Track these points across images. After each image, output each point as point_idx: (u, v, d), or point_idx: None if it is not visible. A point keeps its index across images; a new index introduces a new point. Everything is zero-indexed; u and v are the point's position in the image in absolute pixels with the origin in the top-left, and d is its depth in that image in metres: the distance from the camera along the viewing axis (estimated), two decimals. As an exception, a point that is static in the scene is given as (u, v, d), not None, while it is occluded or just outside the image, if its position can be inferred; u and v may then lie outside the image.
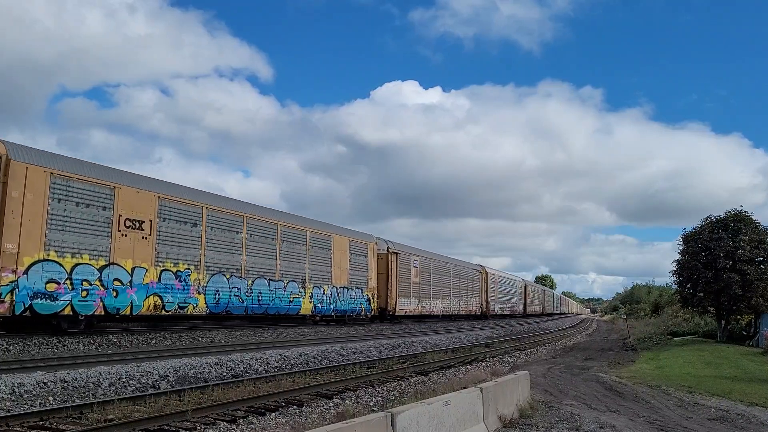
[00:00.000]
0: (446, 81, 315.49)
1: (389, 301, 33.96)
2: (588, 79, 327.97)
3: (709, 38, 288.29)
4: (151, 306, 18.38)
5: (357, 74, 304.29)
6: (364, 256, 31.71)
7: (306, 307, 26.24)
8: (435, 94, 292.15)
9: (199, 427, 8.26)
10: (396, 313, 34.73)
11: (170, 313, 19.32)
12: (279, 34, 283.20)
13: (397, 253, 35.15)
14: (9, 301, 14.55)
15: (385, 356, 17.45)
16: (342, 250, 29.51)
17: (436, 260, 43.00)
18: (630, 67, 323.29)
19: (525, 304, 71.71)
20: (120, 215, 17.55)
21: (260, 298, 23.21)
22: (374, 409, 10.19)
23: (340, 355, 16.76)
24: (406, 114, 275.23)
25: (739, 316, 31.79)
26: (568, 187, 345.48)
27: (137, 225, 18.08)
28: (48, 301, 15.40)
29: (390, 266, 34.35)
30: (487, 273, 54.38)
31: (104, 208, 17.13)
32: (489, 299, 54.40)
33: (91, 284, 16.50)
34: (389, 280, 34.11)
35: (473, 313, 50.46)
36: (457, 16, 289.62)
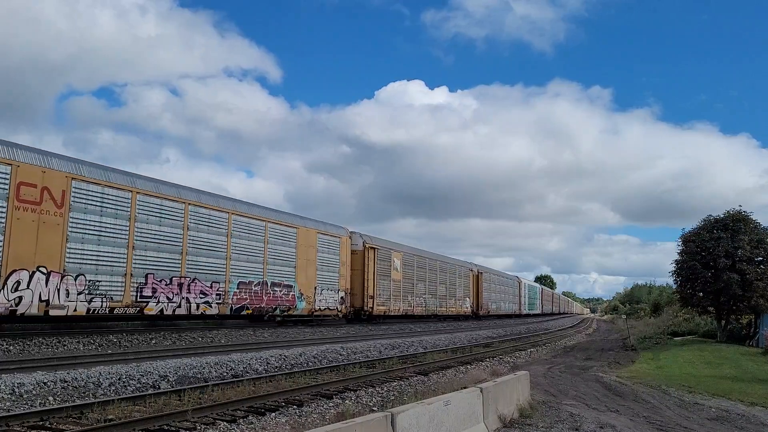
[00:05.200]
0: (453, 81, 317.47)
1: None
2: (597, 78, 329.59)
3: (722, 39, 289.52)
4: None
5: (362, 74, 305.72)
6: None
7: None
8: (441, 94, 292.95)
9: (199, 427, 8.26)
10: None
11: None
12: (288, 35, 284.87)
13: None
14: None
15: (385, 356, 17.44)
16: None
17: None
18: (639, 67, 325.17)
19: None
20: None
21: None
22: (374, 409, 10.19)
23: (340, 355, 16.76)
24: (412, 114, 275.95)
25: (739, 316, 31.79)
26: (575, 187, 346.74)
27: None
28: None
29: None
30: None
31: None
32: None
33: None
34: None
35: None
36: (469, 17, 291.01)
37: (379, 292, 32.03)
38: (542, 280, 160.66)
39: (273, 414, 9.31)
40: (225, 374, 12.41)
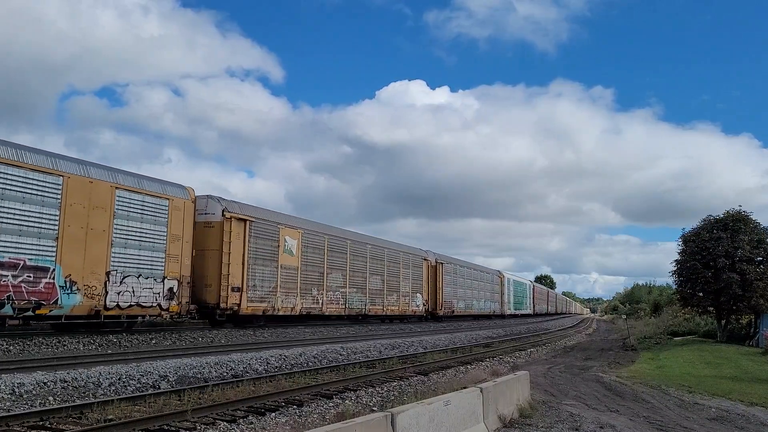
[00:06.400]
0: (454, 81, 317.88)
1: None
2: (599, 78, 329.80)
3: (724, 39, 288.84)
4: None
5: (364, 74, 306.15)
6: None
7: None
8: (442, 94, 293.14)
9: (199, 427, 8.26)
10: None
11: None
12: (290, 35, 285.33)
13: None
14: None
15: (385, 356, 17.46)
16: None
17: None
18: (641, 68, 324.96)
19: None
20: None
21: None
22: (374, 409, 10.19)
23: (340, 355, 16.77)
24: (413, 114, 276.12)
25: (739, 316, 31.80)
26: (576, 187, 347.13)
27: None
28: None
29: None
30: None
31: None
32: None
33: None
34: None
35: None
36: (472, 17, 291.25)
37: (254, 282, 22.82)
38: (542, 280, 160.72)
39: (273, 414, 9.32)
40: (225, 374, 12.42)
